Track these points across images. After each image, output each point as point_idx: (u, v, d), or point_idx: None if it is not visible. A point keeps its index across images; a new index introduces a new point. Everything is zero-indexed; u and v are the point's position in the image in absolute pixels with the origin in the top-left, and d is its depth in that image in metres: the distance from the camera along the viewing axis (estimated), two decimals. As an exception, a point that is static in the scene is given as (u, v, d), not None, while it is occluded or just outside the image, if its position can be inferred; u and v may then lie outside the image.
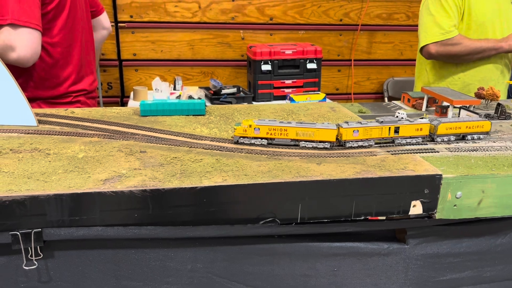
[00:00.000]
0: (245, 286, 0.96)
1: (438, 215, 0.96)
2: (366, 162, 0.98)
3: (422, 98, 1.47)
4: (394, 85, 3.63)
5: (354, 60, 3.54)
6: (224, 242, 0.92)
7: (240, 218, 0.88)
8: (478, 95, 1.48)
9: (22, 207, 0.79)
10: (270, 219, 0.89)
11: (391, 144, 1.08)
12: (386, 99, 3.60)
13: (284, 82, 3.06)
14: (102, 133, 1.11)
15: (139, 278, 0.92)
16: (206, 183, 0.86)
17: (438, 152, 1.06)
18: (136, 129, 1.14)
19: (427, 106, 1.46)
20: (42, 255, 0.84)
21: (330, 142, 1.04)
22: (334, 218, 0.92)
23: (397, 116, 1.29)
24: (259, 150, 1.02)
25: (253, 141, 1.05)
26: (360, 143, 1.05)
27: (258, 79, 3.01)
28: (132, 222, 0.84)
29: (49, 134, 1.09)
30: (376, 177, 0.91)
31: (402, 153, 1.04)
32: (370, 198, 0.92)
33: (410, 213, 0.94)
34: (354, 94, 3.63)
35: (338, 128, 1.05)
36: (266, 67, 2.99)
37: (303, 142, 1.04)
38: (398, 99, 1.67)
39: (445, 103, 1.38)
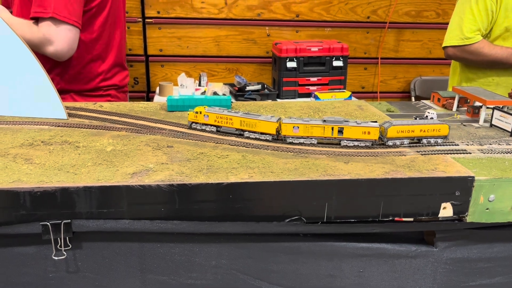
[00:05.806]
0: (269, 284, 0.95)
1: (469, 218, 0.93)
2: (395, 162, 0.96)
3: (453, 98, 1.43)
4: (421, 85, 3.55)
5: (381, 58, 3.48)
6: (249, 239, 0.92)
7: (265, 216, 0.88)
8: (512, 96, 1.44)
9: (52, 198, 0.81)
10: (296, 217, 0.89)
11: (336, 146, 1.04)
12: (413, 98, 3.53)
13: (309, 80, 3.03)
14: (130, 127, 1.12)
15: (164, 272, 0.92)
16: (232, 179, 0.86)
17: (470, 153, 1.03)
18: (163, 124, 1.15)
19: (458, 106, 1.42)
20: (70, 246, 0.85)
21: (271, 134, 1.06)
22: (361, 218, 0.91)
23: (426, 116, 1.26)
24: (285, 148, 1.02)
25: (203, 127, 1.10)
26: (302, 140, 1.05)
27: (283, 76, 2.99)
28: (158, 216, 0.85)
29: (79, 127, 1.11)
30: (405, 178, 0.89)
31: (432, 154, 1.01)
32: (398, 199, 0.90)
33: (440, 215, 0.92)
34: (380, 93, 3.57)
35: (279, 122, 1.05)
36: (291, 64, 2.97)
37: (247, 132, 1.07)
38: (425, 98, 1.63)
39: (477, 103, 1.34)
